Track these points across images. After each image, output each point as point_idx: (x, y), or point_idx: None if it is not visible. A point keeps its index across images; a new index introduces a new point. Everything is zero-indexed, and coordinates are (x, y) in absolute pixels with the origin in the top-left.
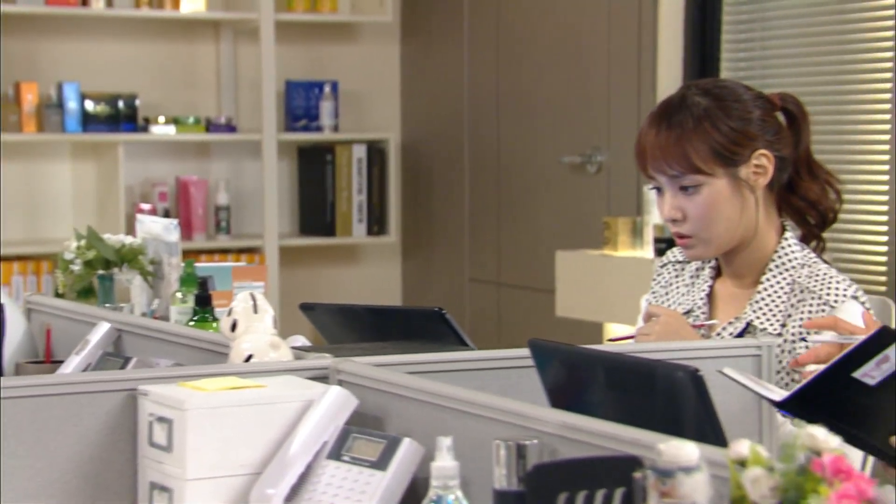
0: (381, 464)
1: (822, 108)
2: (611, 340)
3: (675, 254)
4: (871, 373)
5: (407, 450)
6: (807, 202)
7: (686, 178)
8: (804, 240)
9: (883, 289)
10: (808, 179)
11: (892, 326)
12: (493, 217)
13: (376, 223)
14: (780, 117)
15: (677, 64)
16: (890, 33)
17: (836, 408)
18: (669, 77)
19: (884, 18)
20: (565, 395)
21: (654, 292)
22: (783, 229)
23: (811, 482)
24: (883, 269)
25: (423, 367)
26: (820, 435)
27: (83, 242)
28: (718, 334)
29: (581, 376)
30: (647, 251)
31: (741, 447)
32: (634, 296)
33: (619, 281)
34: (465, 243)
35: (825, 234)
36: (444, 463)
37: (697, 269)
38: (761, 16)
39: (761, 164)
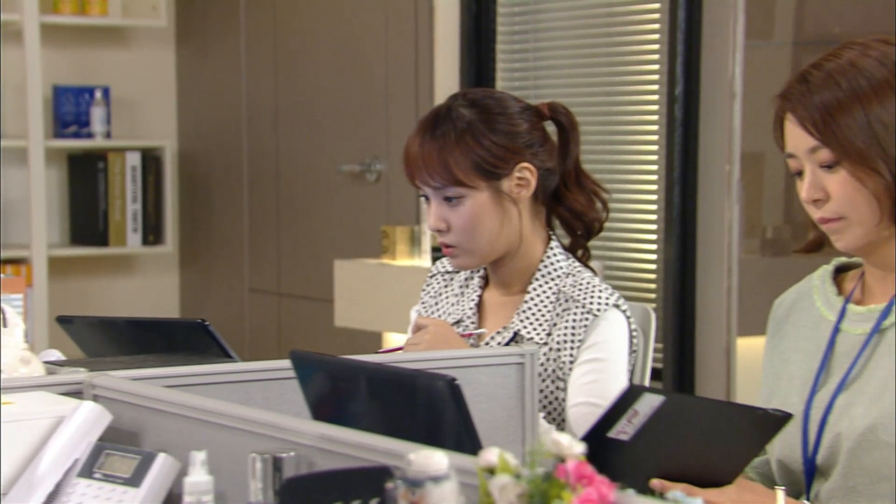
0: (134, 480)
1: (593, 118)
2: (380, 352)
3: (444, 264)
4: (624, 430)
5: (161, 465)
6: (573, 213)
7: (449, 190)
8: (571, 249)
9: (653, 296)
10: (576, 191)
11: (652, 334)
12: (273, 226)
13: (152, 233)
14: (551, 127)
15: (454, 73)
16: (657, 46)
17: (596, 469)
18: (446, 86)
19: (652, 32)
20: (328, 407)
21: (423, 303)
22: (549, 239)
23: (555, 488)
24: (653, 276)
25: (182, 381)
26: (564, 441)
27: None
28: (487, 343)
29: (343, 387)
30: (426, 260)
31: (490, 455)
32: (413, 305)
33: (397, 290)
34: (245, 253)
35: (598, 243)
36: (198, 478)
37: (466, 280)
38: (534, 27)
39: (524, 177)
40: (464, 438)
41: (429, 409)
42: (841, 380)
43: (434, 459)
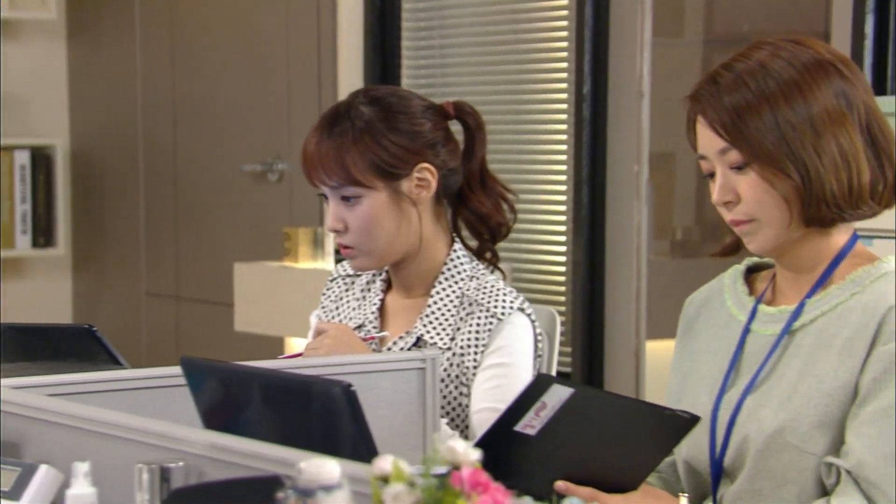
0: (14, 493)
1: (500, 116)
2: (280, 358)
3: (344, 268)
4: (531, 423)
5: (43, 477)
6: (477, 216)
7: (346, 190)
8: (479, 252)
9: (562, 298)
10: (480, 193)
11: (557, 337)
12: (171, 228)
13: (42, 235)
14: (457, 126)
15: (358, 69)
16: (565, 44)
17: (502, 465)
18: (350, 83)
19: (559, 29)
20: (220, 415)
21: (323, 308)
22: (453, 241)
23: (450, 496)
24: (561, 278)
25: (67, 389)
26: (460, 448)
27: None
28: (390, 349)
29: (236, 395)
30: (329, 263)
31: (384, 463)
32: (315, 309)
33: (299, 293)
34: (141, 256)
35: (505, 245)
36: (80, 490)
37: (368, 283)
38: (440, 23)
39: (424, 178)
40: (360, 446)
41: (324, 416)
42: (750, 381)
43: (325, 468)
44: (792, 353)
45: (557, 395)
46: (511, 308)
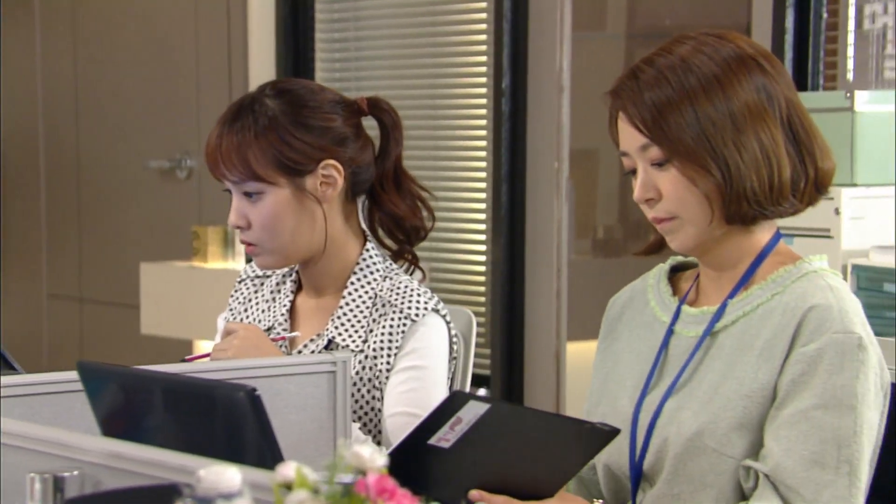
0: None
1: (417, 111)
2: (185, 360)
3: (253, 268)
4: (445, 437)
5: None
6: (392, 217)
7: (248, 185)
8: (397, 255)
9: (481, 299)
10: (394, 194)
11: (473, 339)
12: (74, 227)
13: None
14: (371, 121)
15: (270, 63)
16: (484, 37)
17: (415, 477)
18: (262, 77)
19: (478, 21)
20: (120, 421)
21: (231, 310)
22: (365, 240)
23: (356, 503)
24: (481, 279)
25: None
26: (365, 454)
27: None
28: (300, 351)
29: (137, 400)
30: (239, 262)
31: (287, 469)
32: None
33: (208, 295)
34: (43, 256)
35: (423, 244)
36: None
37: (278, 284)
38: (355, 15)
39: (330, 176)
40: (266, 452)
41: (229, 422)
42: (671, 383)
43: (226, 476)
44: (713, 354)
45: (473, 410)
46: (425, 309)
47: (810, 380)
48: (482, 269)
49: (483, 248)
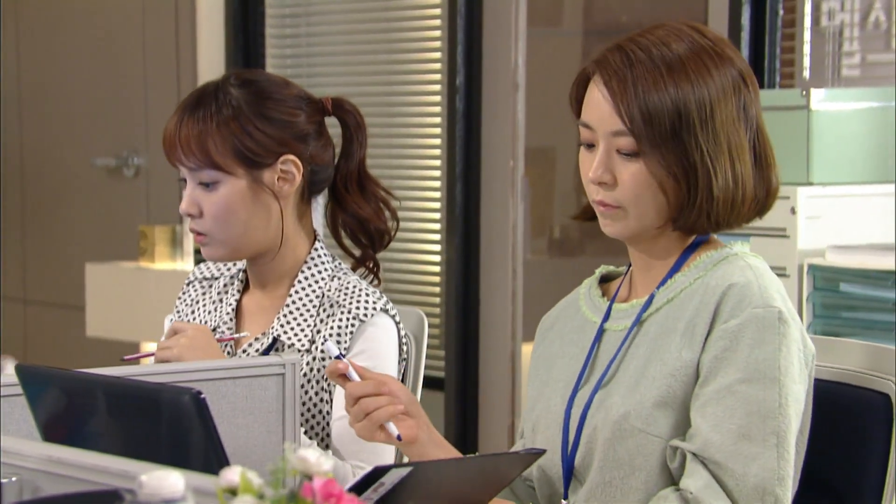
0: None
1: (371, 108)
2: (124, 360)
3: (202, 270)
4: (369, 496)
5: None
6: (356, 219)
7: (204, 173)
8: (361, 261)
9: (436, 300)
10: (358, 196)
11: (425, 340)
12: (17, 226)
13: None
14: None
15: (219, 58)
16: (438, 33)
17: None
18: (211, 73)
19: (432, 17)
20: (61, 426)
21: (178, 311)
22: (315, 240)
23: None
24: (436, 279)
25: None
26: (311, 458)
27: None
28: (245, 351)
29: (78, 404)
30: (188, 263)
31: (231, 474)
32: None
33: (156, 296)
34: None
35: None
36: None
37: (226, 285)
38: (306, 10)
39: (288, 171)
40: (211, 457)
41: (173, 426)
42: (601, 376)
43: (168, 481)
44: (639, 342)
45: (396, 475)
46: (374, 309)
47: (732, 355)
48: (437, 268)
49: (437, 247)
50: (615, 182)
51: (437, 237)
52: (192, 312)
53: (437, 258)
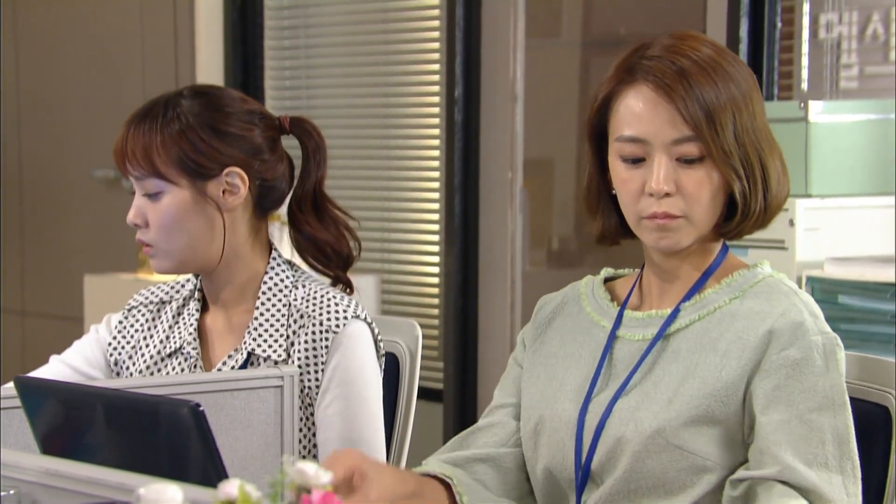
0: None
1: (369, 120)
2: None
3: (145, 295)
4: None
5: None
6: (311, 242)
7: (148, 182)
8: (334, 283)
9: (435, 311)
10: (312, 217)
11: (420, 350)
12: (16, 237)
13: None
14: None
15: (218, 70)
16: (436, 45)
17: None
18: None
19: (430, 29)
20: (60, 438)
21: (124, 337)
22: (271, 252)
23: None
24: (435, 290)
25: None
26: (309, 471)
27: None
28: (219, 369)
29: (77, 417)
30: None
31: (229, 487)
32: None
33: None
34: None
35: (375, 255)
36: None
37: (181, 307)
38: (305, 22)
39: (234, 184)
40: (210, 470)
41: (172, 438)
42: (621, 384)
43: (166, 494)
44: (669, 357)
45: None
46: (345, 318)
47: (797, 384)
48: (435, 280)
49: (436, 258)
50: (677, 191)
51: (436, 248)
52: (144, 339)
53: (436, 269)
